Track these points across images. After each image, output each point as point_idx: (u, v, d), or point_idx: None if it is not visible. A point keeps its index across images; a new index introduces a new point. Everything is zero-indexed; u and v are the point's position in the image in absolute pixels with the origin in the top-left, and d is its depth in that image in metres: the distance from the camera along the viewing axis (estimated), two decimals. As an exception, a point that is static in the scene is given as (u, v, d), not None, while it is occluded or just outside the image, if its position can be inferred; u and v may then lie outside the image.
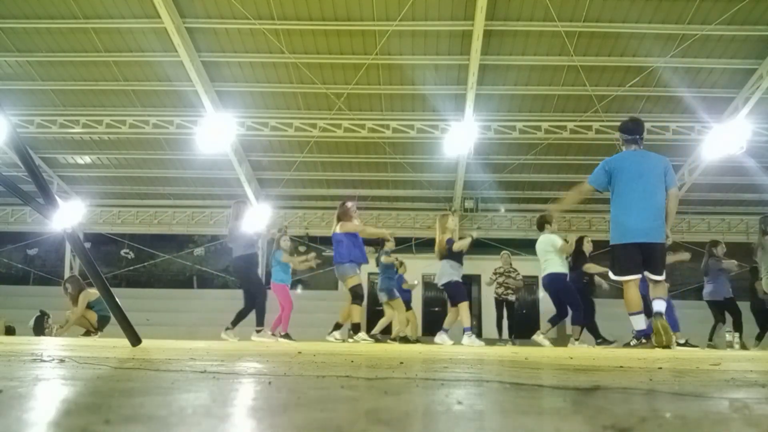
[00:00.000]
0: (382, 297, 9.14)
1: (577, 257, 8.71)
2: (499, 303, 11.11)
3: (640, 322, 5.38)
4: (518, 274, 11.11)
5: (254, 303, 7.78)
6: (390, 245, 9.52)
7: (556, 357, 3.16)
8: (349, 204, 7.85)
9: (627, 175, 5.24)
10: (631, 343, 5.61)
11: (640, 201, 5.15)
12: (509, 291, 10.96)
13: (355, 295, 7.55)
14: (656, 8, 10.38)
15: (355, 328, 7.61)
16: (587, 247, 8.78)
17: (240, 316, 7.82)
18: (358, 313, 7.61)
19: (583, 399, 1.05)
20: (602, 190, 5.47)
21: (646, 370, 1.92)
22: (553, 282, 8.03)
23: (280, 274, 8.74)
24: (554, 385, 1.28)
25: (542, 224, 8.33)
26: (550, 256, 7.98)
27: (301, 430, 0.69)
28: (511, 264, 11.22)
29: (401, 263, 9.98)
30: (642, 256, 5.20)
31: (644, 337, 5.36)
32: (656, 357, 3.28)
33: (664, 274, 5.29)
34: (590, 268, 8.61)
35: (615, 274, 5.34)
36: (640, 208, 5.15)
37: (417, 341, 9.14)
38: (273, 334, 8.13)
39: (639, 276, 5.28)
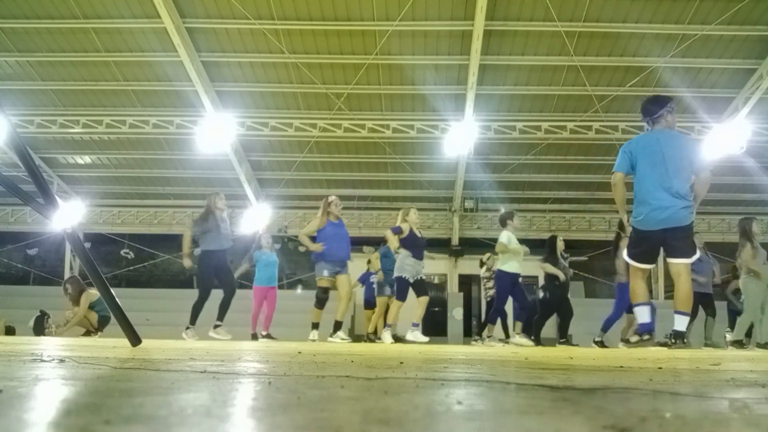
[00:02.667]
0: (387, 291, 9.20)
1: (550, 256, 8.75)
2: (489, 304, 11.20)
3: (644, 315, 5.03)
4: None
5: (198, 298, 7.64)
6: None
7: (555, 357, 3.16)
8: (331, 198, 7.70)
9: (648, 156, 4.84)
10: (631, 340, 5.37)
11: (661, 184, 4.73)
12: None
13: (317, 298, 7.58)
14: (656, 8, 10.38)
15: (315, 326, 7.65)
16: (560, 246, 8.85)
17: (223, 309, 7.71)
18: (318, 315, 7.61)
19: (583, 399, 1.05)
20: (629, 174, 5.00)
21: (646, 370, 1.92)
22: (497, 278, 8.30)
23: (259, 273, 8.82)
24: (554, 385, 1.28)
25: (504, 221, 8.56)
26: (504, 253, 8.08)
27: (301, 430, 0.69)
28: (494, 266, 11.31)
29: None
30: (662, 244, 4.84)
31: (647, 333, 5.05)
32: (656, 357, 3.28)
33: (693, 257, 4.82)
34: (545, 267, 8.69)
35: (628, 254, 5.06)
36: (661, 193, 4.73)
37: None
38: (268, 335, 8.19)
39: (649, 267, 5.02)
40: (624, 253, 5.15)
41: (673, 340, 4.85)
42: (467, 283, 16.59)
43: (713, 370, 2.04)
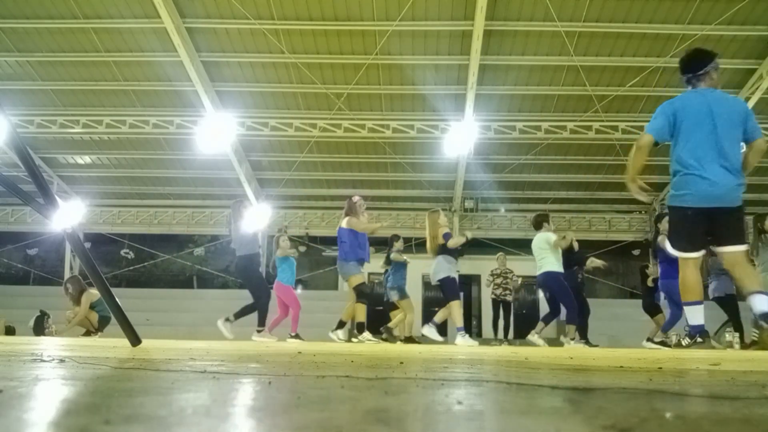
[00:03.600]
0: (393, 296, 9.07)
1: (568, 256, 8.72)
2: (496, 303, 11.22)
3: (697, 315, 4.31)
4: (514, 274, 11.18)
5: (257, 303, 7.75)
6: (399, 244, 9.41)
7: (555, 357, 3.16)
8: (355, 199, 7.78)
9: (695, 119, 4.05)
10: (683, 343, 4.54)
11: (710, 152, 3.97)
12: (507, 292, 11.02)
13: (360, 293, 7.49)
14: (656, 8, 10.38)
15: (360, 327, 7.56)
16: (575, 245, 8.83)
17: (244, 311, 7.77)
18: (363, 312, 7.55)
19: (583, 399, 1.05)
20: (665, 140, 4.20)
21: (646, 370, 1.92)
22: (548, 280, 8.00)
23: (285, 273, 8.70)
24: (554, 385, 1.28)
25: (539, 223, 8.35)
26: (545, 254, 7.97)
27: (301, 430, 0.69)
28: (506, 265, 11.31)
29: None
30: (710, 225, 4.06)
31: (700, 335, 4.37)
32: (656, 357, 3.28)
33: (746, 244, 4.23)
34: (592, 262, 8.65)
35: (672, 246, 4.23)
36: (712, 164, 3.96)
37: (401, 340, 9.16)
38: (271, 334, 8.13)
39: (700, 254, 4.19)
40: (666, 246, 4.38)
41: (689, 339, 4.35)
42: (467, 283, 16.59)
43: (713, 370, 2.04)
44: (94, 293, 8.50)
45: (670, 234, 4.32)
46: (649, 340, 8.28)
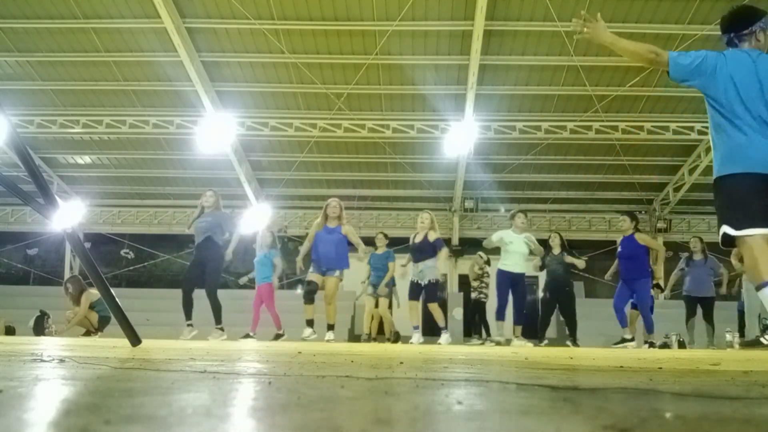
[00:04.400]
0: (370, 291, 9.18)
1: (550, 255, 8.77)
2: (475, 303, 11.23)
3: None
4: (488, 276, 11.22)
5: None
6: (369, 247, 9.47)
7: (556, 357, 3.16)
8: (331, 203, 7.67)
9: (744, 77, 3.46)
10: (764, 340, 3.67)
11: (763, 115, 3.39)
12: (483, 293, 11.08)
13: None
14: (656, 8, 10.38)
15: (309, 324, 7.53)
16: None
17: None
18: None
19: (583, 399, 1.05)
20: (679, 78, 3.54)
21: (646, 370, 1.92)
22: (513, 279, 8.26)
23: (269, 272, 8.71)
24: (554, 385, 1.28)
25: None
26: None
27: (301, 430, 0.69)
28: (484, 265, 11.32)
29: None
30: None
31: None
32: (656, 357, 3.28)
33: None
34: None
35: (730, 225, 3.33)
36: (764, 127, 3.37)
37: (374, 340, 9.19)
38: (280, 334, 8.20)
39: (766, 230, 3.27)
40: (724, 229, 3.40)
41: None
42: (467, 283, 16.56)
43: (713, 370, 2.04)
44: (93, 293, 8.49)
45: (724, 211, 3.51)
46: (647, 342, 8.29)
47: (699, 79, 3.47)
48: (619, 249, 8.31)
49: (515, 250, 8.17)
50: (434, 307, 7.85)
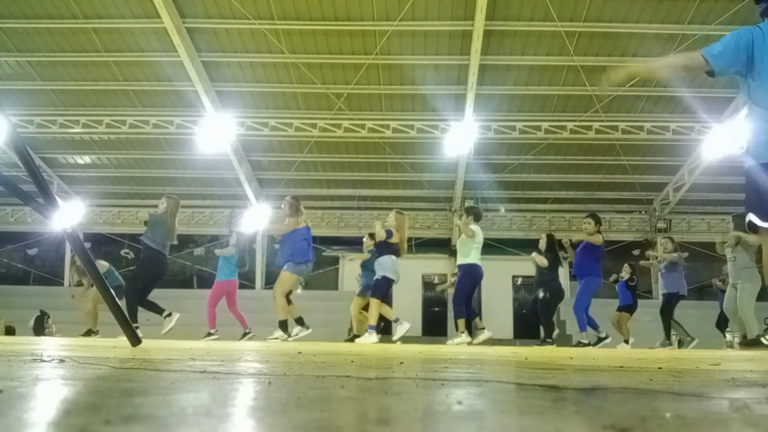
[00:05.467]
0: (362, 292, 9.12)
1: (554, 258, 8.78)
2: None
3: None
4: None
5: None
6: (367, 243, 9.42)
7: (555, 357, 3.16)
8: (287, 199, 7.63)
9: None
10: (765, 340, 3.39)
11: None
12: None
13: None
14: (656, 8, 10.38)
15: (296, 322, 7.45)
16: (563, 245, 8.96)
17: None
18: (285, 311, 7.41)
19: (583, 399, 1.05)
20: (724, 71, 3.19)
21: (646, 370, 1.92)
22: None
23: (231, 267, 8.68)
24: (554, 385, 1.28)
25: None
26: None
27: (301, 430, 0.69)
28: None
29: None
30: None
31: None
32: (656, 357, 3.28)
33: None
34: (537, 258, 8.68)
35: (758, 215, 3.09)
36: None
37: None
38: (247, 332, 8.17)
39: None
40: (751, 218, 3.14)
41: None
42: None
43: (713, 370, 2.04)
44: (102, 264, 8.49)
45: (749, 202, 3.22)
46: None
47: (740, 62, 3.11)
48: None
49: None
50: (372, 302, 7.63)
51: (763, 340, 3.92)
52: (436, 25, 10.84)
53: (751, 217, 3.13)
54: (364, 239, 9.41)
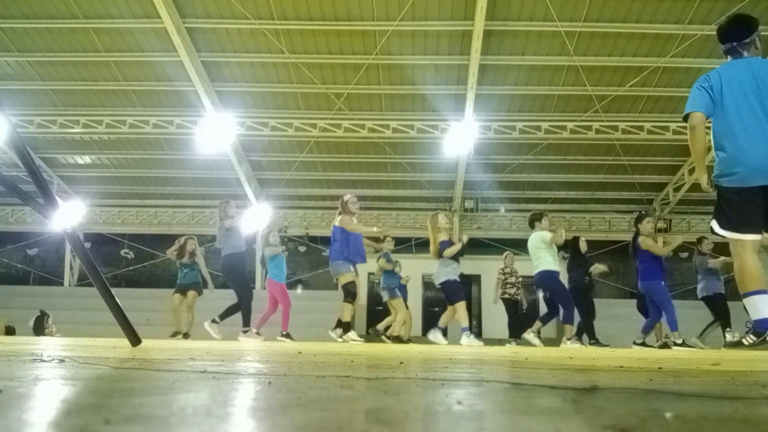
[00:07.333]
0: (384, 296, 9.13)
1: (574, 257, 8.78)
2: (512, 303, 10.74)
3: (763, 307, 3.53)
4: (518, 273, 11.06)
5: (241, 302, 7.81)
6: (389, 245, 9.46)
7: (556, 357, 3.16)
8: (347, 197, 7.69)
9: (738, 90, 3.62)
10: (745, 341, 3.68)
11: (756, 125, 3.54)
12: (520, 291, 10.79)
13: (347, 292, 7.43)
14: (656, 8, 10.38)
15: (345, 327, 7.47)
16: (583, 247, 8.85)
17: (229, 312, 7.87)
18: (349, 312, 7.46)
19: (583, 399, 1.05)
20: (712, 113, 3.81)
21: (646, 370, 1.92)
22: (545, 279, 8.00)
23: (274, 270, 8.66)
24: (554, 385, 1.28)
25: (533, 222, 8.40)
26: (541, 253, 7.99)
27: (301, 430, 0.69)
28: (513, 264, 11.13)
29: (396, 262, 9.81)
30: (764, 206, 3.57)
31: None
32: (656, 357, 3.28)
33: None
34: (596, 268, 8.72)
35: (721, 226, 3.78)
36: (760, 137, 3.52)
37: (409, 341, 9.10)
38: (258, 333, 8.11)
39: (758, 237, 3.65)
40: (714, 226, 3.89)
41: (753, 337, 3.60)
42: (467, 283, 16.57)
43: (713, 370, 2.04)
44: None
45: (718, 213, 3.86)
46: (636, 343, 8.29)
47: (711, 98, 3.70)
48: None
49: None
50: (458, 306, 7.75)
51: (744, 341, 3.97)
52: (436, 25, 10.84)
53: (713, 224, 3.92)
54: (389, 242, 9.45)
